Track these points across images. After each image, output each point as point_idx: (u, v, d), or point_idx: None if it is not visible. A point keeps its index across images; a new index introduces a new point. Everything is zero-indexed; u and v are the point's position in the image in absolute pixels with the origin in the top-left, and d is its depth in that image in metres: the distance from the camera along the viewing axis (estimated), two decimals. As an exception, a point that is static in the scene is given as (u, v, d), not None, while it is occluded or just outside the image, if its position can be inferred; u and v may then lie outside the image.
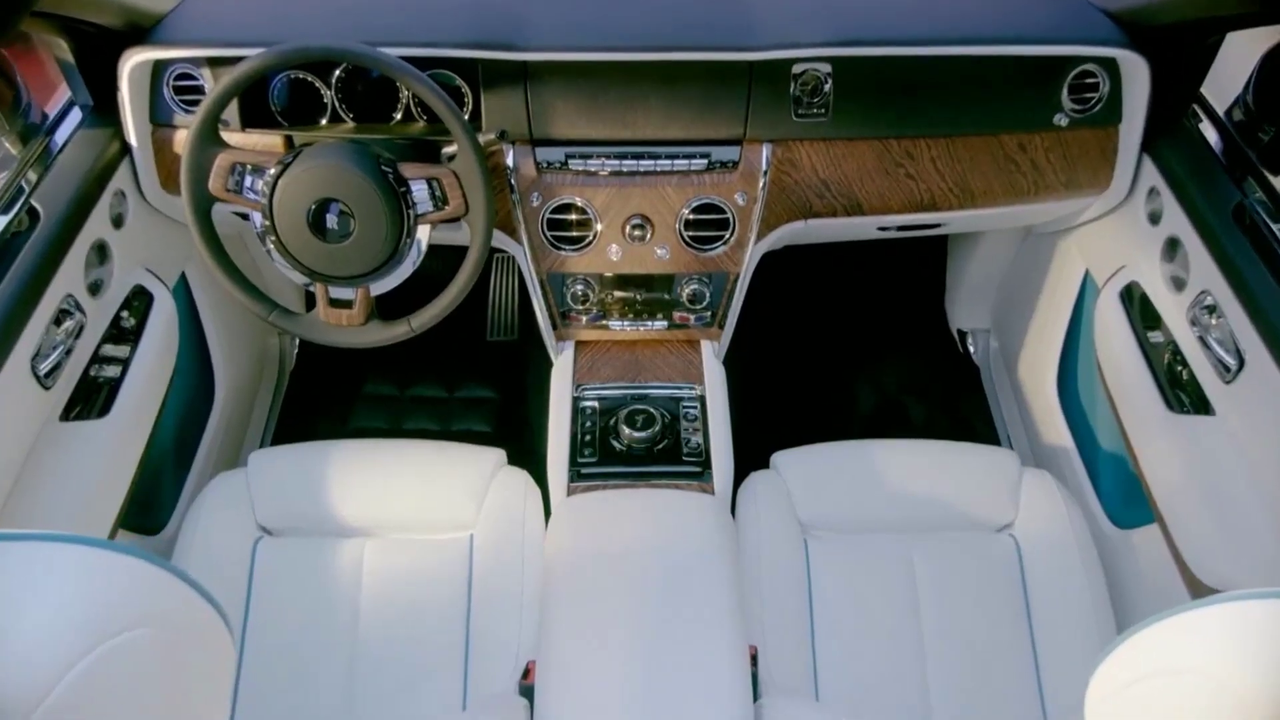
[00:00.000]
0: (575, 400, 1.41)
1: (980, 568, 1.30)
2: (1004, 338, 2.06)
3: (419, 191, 1.21)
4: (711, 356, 1.49)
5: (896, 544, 1.31)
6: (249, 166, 1.20)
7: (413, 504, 1.31)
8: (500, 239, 1.41)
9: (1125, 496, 1.51)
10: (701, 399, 1.42)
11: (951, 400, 2.10)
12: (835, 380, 2.13)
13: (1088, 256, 1.67)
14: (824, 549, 1.30)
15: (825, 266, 2.30)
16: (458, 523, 1.31)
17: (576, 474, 1.32)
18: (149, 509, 1.55)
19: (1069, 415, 1.75)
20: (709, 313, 1.46)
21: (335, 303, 1.27)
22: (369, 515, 1.30)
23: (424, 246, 1.24)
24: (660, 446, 1.35)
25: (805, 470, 1.37)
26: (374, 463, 1.35)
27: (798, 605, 1.25)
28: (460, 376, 2.11)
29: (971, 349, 2.19)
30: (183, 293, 1.64)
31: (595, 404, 1.41)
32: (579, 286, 1.43)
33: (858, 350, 2.19)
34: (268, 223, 1.20)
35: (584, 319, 1.46)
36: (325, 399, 2.06)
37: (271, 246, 1.23)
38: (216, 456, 1.78)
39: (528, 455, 1.45)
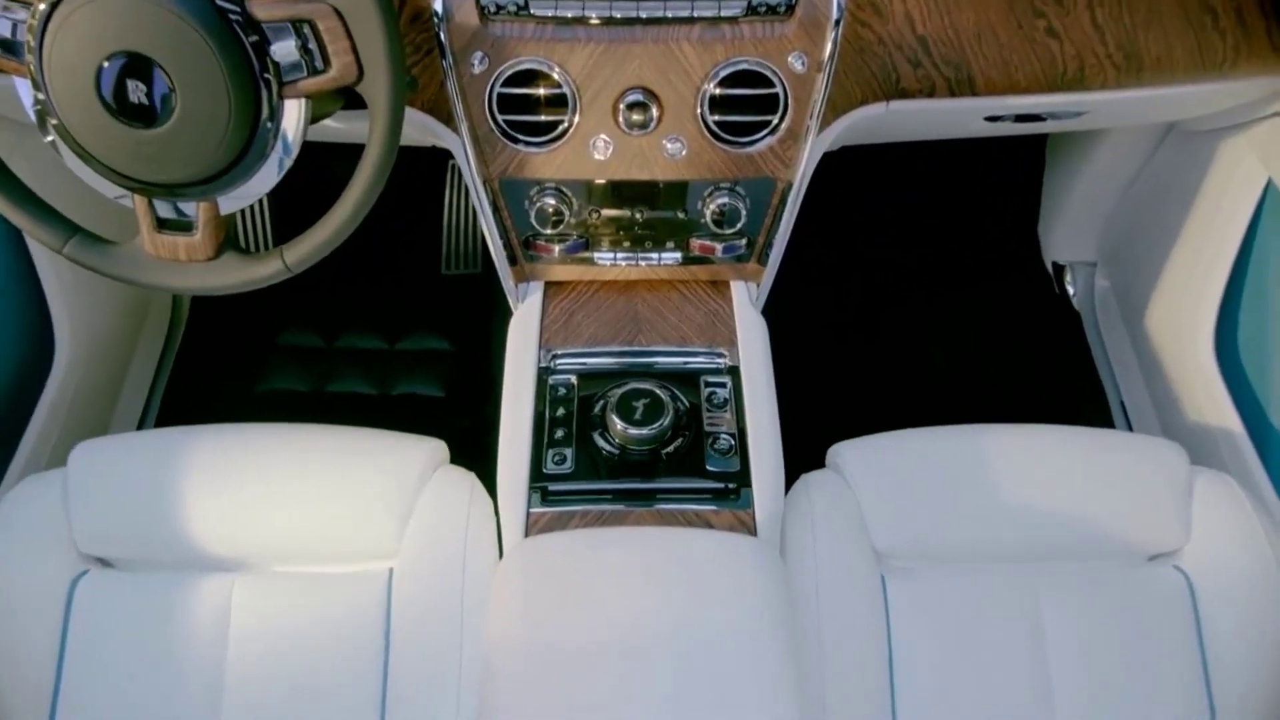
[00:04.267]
0: (542, 375, 1.10)
1: (1136, 616, 1.06)
2: (1120, 275, 1.82)
3: (282, 45, 0.87)
4: (748, 306, 1.18)
5: (1014, 581, 1.07)
6: (4, 5, 0.87)
7: (306, 523, 1.06)
8: (424, 127, 1.09)
9: None
10: (734, 373, 1.11)
11: (1044, 357, 1.87)
12: (896, 331, 1.93)
13: (1273, 161, 1.34)
14: (910, 589, 1.07)
15: (878, 177, 2.07)
16: (370, 551, 1.06)
17: (542, 494, 1.02)
18: None
19: (1234, 387, 1.45)
20: (744, 240, 1.15)
21: (166, 225, 0.95)
22: (241, 539, 1.06)
23: (296, 136, 0.92)
24: (672, 449, 1.04)
25: (878, 471, 1.11)
26: (253, 461, 1.10)
27: (874, 673, 1.03)
28: (406, 322, 1.88)
29: (1070, 289, 1.94)
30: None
31: (572, 381, 1.09)
32: (548, 200, 1.10)
33: (923, 291, 1.99)
34: (40, 95, 0.88)
35: (556, 249, 1.15)
36: (229, 356, 1.83)
37: (53, 133, 0.92)
38: (58, 445, 1.50)
39: (488, 437, 1.15)
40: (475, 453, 1.16)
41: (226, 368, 1.83)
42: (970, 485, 1.10)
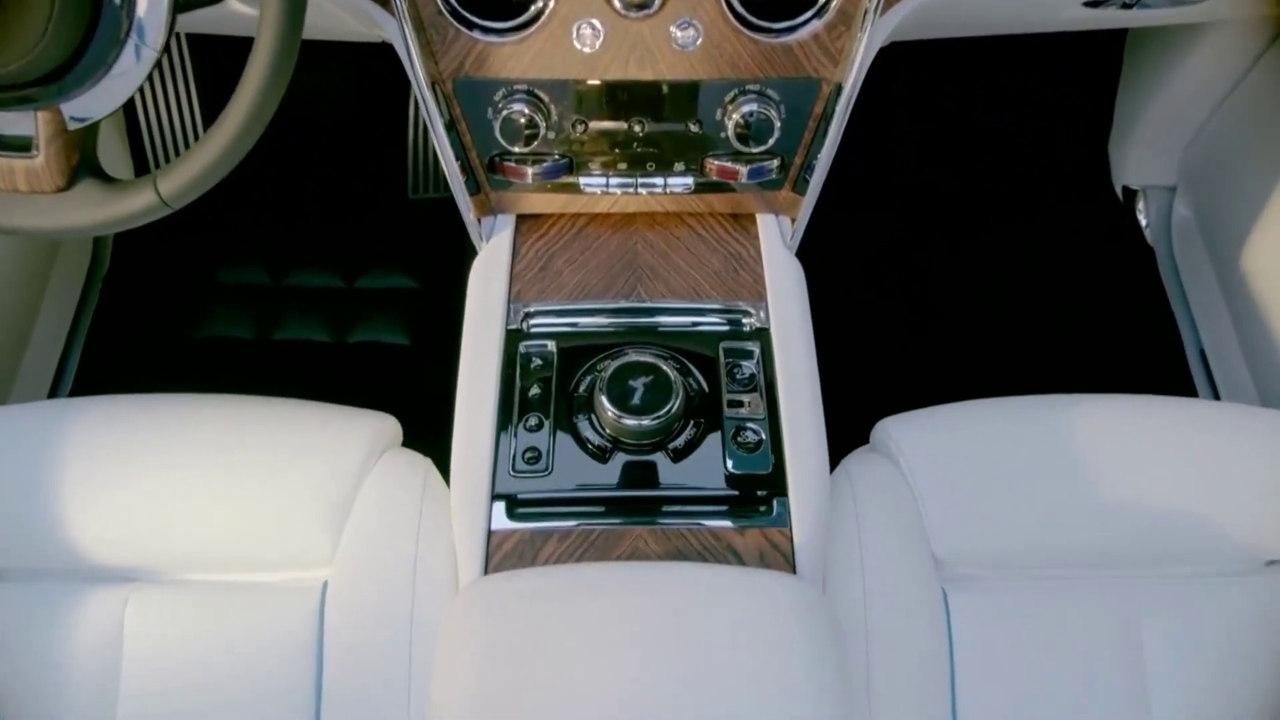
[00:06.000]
0: (511, 340, 1.00)
1: (1256, 637, 1.00)
2: (1206, 202, 1.69)
3: None
4: (779, 247, 1.07)
5: (1108, 597, 1.00)
6: None
7: (219, 520, 0.99)
8: (354, 7, 0.98)
9: None
10: (763, 337, 1.00)
11: (1109, 300, 1.76)
12: (941, 270, 1.83)
13: None
14: (977, 606, 0.99)
15: (919, 82, 1.95)
16: (299, 556, 0.98)
17: (508, 505, 0.89)
18: None
19: None
20: (776, 162, 1.04)
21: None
22: (140, 541, 0.99)
23: (160, 19, 0.81)
24: (681, 443, 0.92)
25: (937, 455, 1.02)
26: (157, 442, 1.02)
27: (935, 709, 0.95)
28: (366, 256, 1.76)
29: (1142, 218, 1.82)
30: None
31: (551, 349, 0.98)
32: (518, 108, 0.98)
33: (972, 222, 1.87)
34: None
35: (530, 173, 1.04)
36: (161, 297, 1.74)
37: None
38: None
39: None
40: (446, 419, 1.06)
41: (158, 312, 1.71)
42: (1052, 474, 1.01)
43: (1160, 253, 1.78)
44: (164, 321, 1.68)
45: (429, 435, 1.05)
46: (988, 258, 1.84)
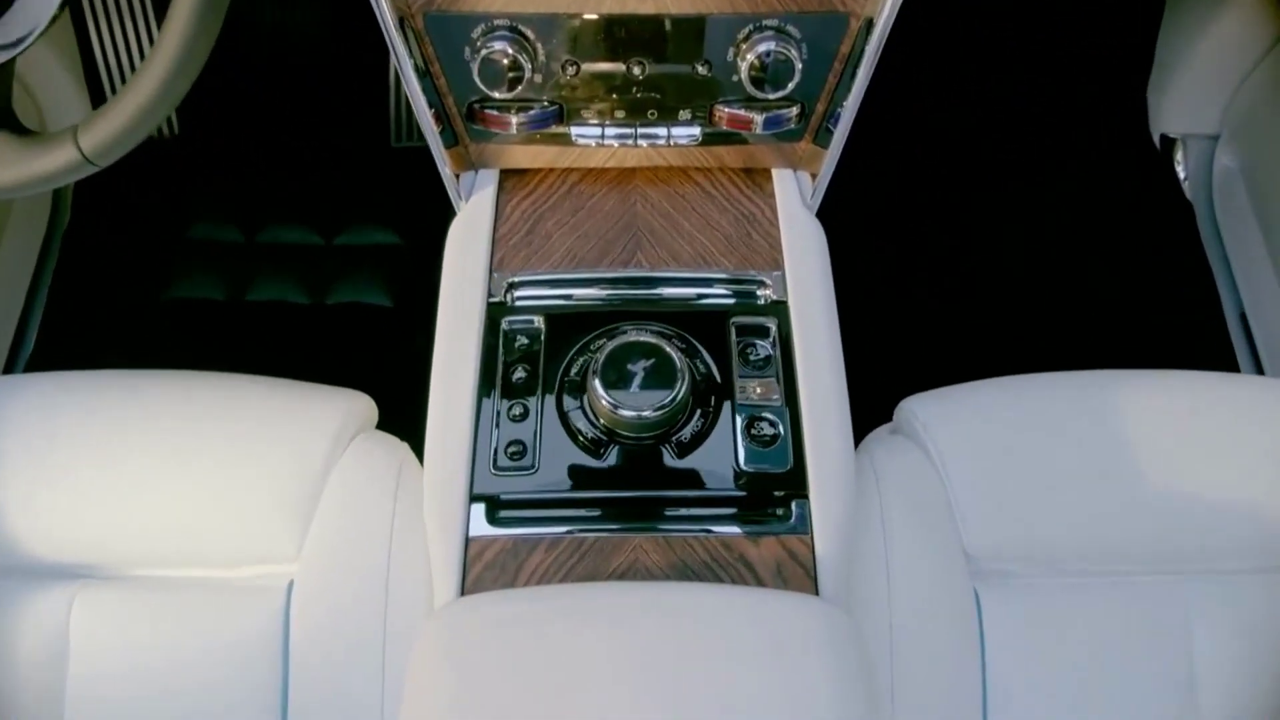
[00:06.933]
0: (493, 314, 0.93)
1: None
2: (1254, 153, 1.61)
3: None
4: (798, 206, 1.00)
5: (1154, 594, 0.95)
6: None
7: (174, 512, 0.93)
8: None
9: None
10: (780, 311, 0.92)
11: (1144, 254, 1.72)
12: (964, 225, 1.78)
13: None
14: (1011, 606, 0.93)
15: (941, 18, 1.84)
16: (261, 552, 0.93)
17: (489, 508, 0.82)
18: None
19: None
20: (795, 109, 0.96)
21: None
22: (84, 535, 0.93)
23: None
24: (687, 436, 0.85)
25: (968, 438, 0.97)
26: (105, 426, 0.97)
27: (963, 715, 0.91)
28: (346, 210, 1.70)
29: (1181, 170, 1.74)
30: None
31: (538, 325, 0.92)
32: (499, 46, 0.89)
33: (998, 173, 1.82)
34: None
35: (514, 121, 0.95)
36: (126, 255, 1.69)
37: None
38: None
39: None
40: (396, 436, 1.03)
41: (122, 271, 1.66)
42: (1094, 461, 0.96)
43: (1199, 208, 1.71)
44: (129, 282, 1.64)
45: (413, 410, 0.97)
46: (1011, 214, 1.79)
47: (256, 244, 1.67)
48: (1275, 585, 0.93)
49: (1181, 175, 1.74)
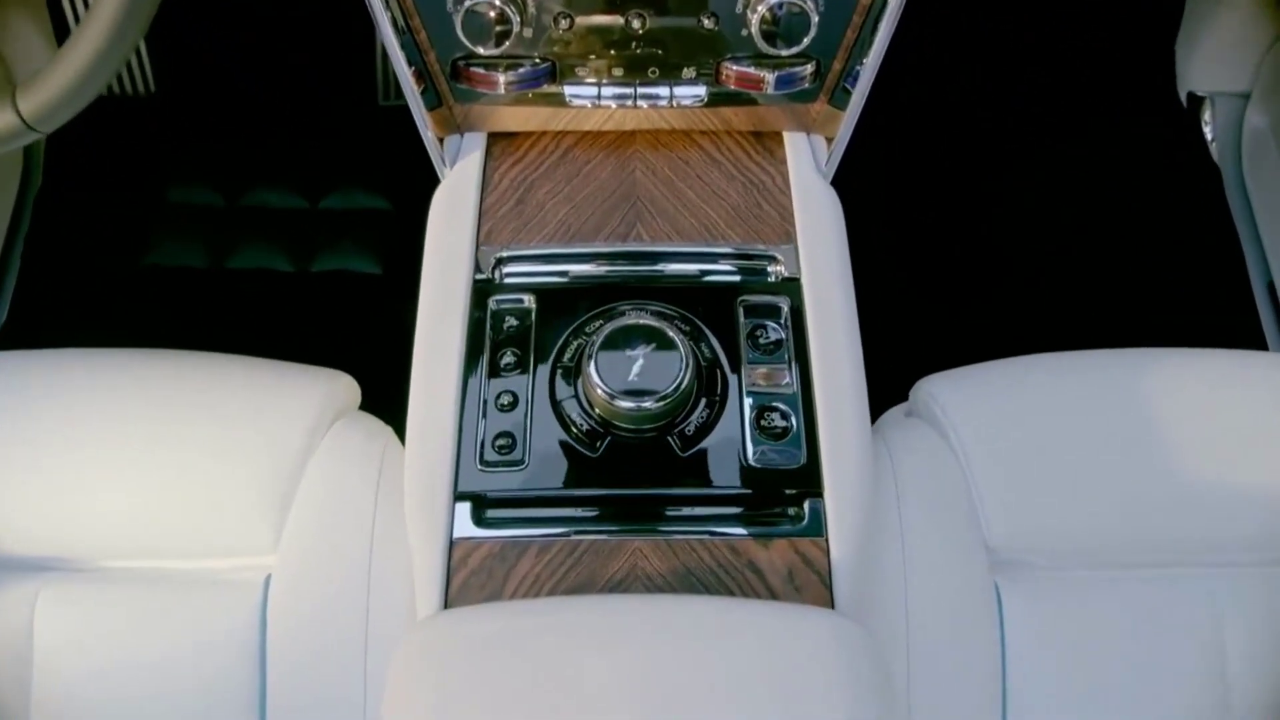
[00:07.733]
0: (480, 292, 0.88)
1: None
2: None
3: None
4: (812, 174, 0.95)
5: (1184, 589, 0.92)
6: None
7: (144, 501, 0.90)
8: None
9: None
10: (792, 289, 0.88)
11: (1167, 219, 1.69)
12: (981, 192, 1.75)
13: None
14: (1034, 601, 0.90)
15: None
16: (237, 544, 0.90)
17: (475, 507, 0.77)
18: None
19: None
20: (809, 67, 0.91)
21: None
22: (50, 526, 0.91)
23: None
24: (691, 428, 0.80)
25: (989, 422, 0.94)
26: (72, 409, 0.94)
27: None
28: (332, 172, 1.68)
29: (1208, 130, 1.67)
30: None
31: (529, 305, 0.88)
32: None
33: (1017, 137, 1.79)
34: None
35: (502, 80, 0.90)
36: (102, 219, 1.67)
37: None
38: None
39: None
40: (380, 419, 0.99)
41: (97, 236, 1.63)
42: (1122, 446, 0.93)
43: (1226, 170, 1.66)
44: (105, 248, 1.61)
45: (401, 386, 0.92)
46: (1032, 184, 1.77)
47: (238, 208, 1.64)
48: None
49: (1209, 136, 1.69)
